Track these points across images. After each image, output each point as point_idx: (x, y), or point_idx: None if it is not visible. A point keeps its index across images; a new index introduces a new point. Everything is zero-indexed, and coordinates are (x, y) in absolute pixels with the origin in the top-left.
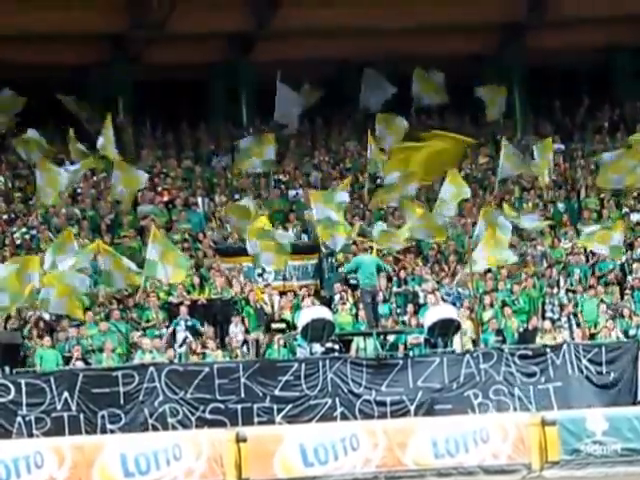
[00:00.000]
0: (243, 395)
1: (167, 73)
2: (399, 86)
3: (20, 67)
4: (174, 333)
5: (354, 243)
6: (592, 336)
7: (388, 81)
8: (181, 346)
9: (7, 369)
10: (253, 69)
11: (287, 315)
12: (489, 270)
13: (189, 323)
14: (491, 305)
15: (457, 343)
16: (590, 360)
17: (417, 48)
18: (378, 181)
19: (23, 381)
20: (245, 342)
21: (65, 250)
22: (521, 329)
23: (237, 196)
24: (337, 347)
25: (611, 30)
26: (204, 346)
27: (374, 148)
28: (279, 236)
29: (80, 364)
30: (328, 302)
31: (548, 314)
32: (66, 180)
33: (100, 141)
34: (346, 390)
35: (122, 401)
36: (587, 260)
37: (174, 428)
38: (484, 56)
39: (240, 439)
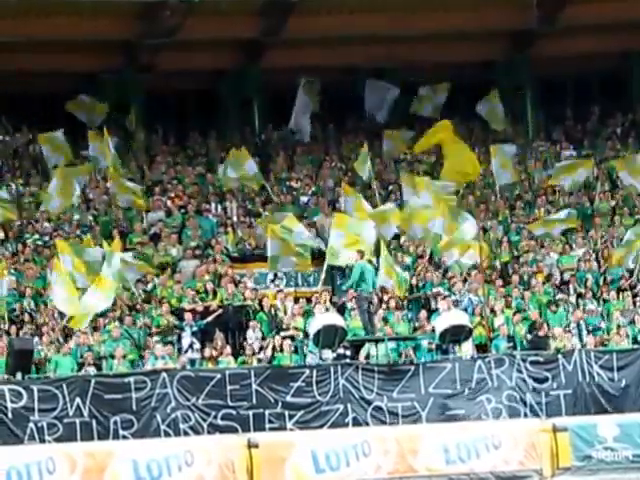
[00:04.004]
0: (255, 401)
1: (178, 80)
2: (408, 93)
3: (31, 74)
4: (180, 339)
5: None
6: (603, 342)
7: (395, 88)
8: (186, 352)
9: (19, 375)
10: (264, 76)
11: (299, 321)
12: (503, 277)
13: (194, 328)
14: (502, 311)
15: (468, 349)
16: (601, 366)
17: (428, 55)
18: (390, 188)
19: (35, 387)
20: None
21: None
22: (529, 335)
23: (246, 203)
24: (348, 353)
25: (624, 36)
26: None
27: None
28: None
29: (92, 370)
30: (340, 308)
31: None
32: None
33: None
34: (357, 396)
35: (134, 407)
36: (599, 266)
37: (186, 434)
38: (495, 63)
39: (252, 445)
